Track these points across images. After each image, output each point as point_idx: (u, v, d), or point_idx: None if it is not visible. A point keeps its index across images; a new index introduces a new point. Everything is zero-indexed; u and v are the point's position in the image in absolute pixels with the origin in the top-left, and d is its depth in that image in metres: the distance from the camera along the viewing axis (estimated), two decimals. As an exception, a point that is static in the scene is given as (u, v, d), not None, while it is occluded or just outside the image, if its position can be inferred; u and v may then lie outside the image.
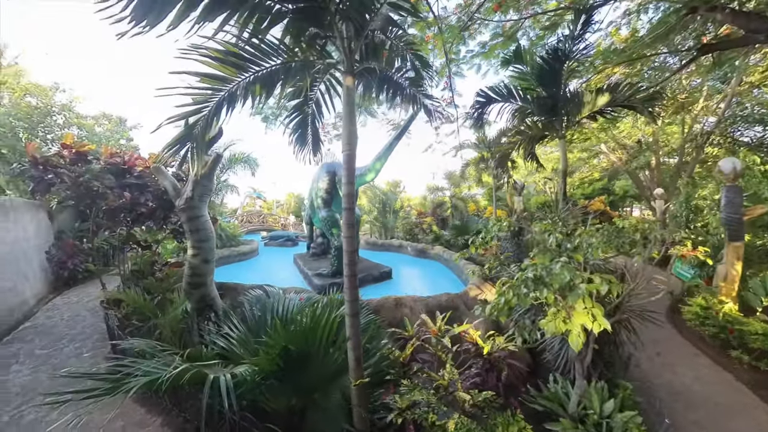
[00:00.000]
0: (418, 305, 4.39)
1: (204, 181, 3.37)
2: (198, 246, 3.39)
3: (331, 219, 6.59)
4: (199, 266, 3.41)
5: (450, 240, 10.34)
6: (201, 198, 3.38)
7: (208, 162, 3.32)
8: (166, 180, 3.49)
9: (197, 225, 3.35)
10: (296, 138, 3.39)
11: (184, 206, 3.28)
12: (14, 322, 5.72)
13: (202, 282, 3.42)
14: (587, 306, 1.65)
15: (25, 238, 6.59)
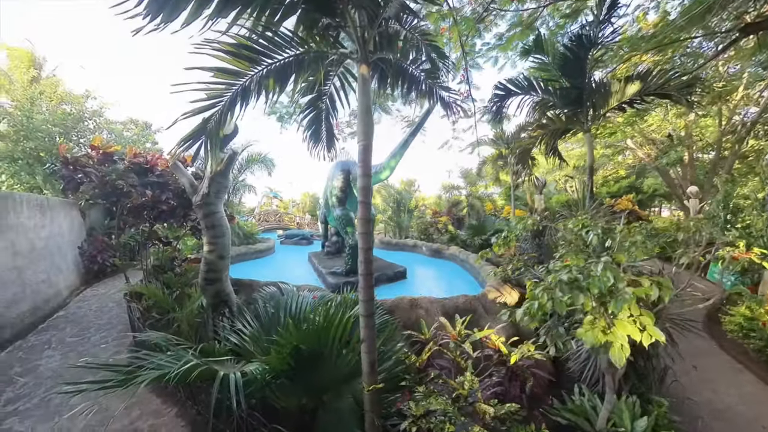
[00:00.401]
0: (434, 307, 4.26)
1: (219, 178, 3.39)
2: (214, 242, 3.41)
3: (346, 217, 6.56)
4: (215, 262, 3.42)
5: (466, 240, 10.08)
6: (217, 195, 3.40)
7: (223, 159, 3.34)
8: (184, 177, 3.55)
9: (213, 221, 3.36)
10: (310, 134, 3.36)
11: (200, 202, 3.30)
12: (49, 311, 6.09)
13: (218, 278, 3.46)
14: (633, 314, 1.45)
15: (60, 234, 7.01)
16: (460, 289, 6.71)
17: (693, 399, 3.57)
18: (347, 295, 3.99)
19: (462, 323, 3.76)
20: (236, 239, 10.29)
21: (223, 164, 3.34)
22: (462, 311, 4.42)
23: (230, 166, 3.47)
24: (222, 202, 3.49)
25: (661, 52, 7.42)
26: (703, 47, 7.94)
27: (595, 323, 1.52)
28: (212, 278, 3.44)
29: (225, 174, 3.45)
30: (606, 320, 1.51)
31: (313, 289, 4.50)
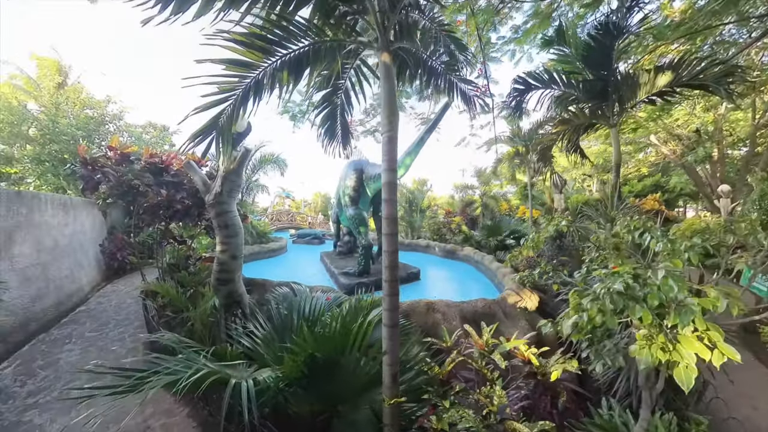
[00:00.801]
0: (451, 311, 4.08)
1: (232, 176, 3.34)
2: (226, 242, 3.36)
3: (359, 217, 6.45)
4: (228, 262, 3.37)
5: (481, 241, 9.80)
6: (230, 194, 3.33)
7: (236, 158, 3.29)
8: (197, 175, 3.49)
9: (225, 220, 3.30)
10: (325, 131, 3.26)
11: (213, 201, 3.25)
12: (72, 306, 6.28)
13: (230, 278, 3.41)
14: (699, 328, 1.25)
15: (82, 232, 7.23)
16: (476, 292, 6.49)
17: (736, 418, 3.26)
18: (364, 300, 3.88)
19: (489, 332, 3.53)
20: (249, 238, 10.38)
21: (236, 162, 3.28)
22: (481, 316, 4.23)
23: (243, 165, 3.41)
24: (235, 201, 3.43)
25: (690, 40, 6.94)
26: (735, 35, 7.39)
27: (653, 339, 1.32)
28: (225, 278, 3.39)
29: (238, 172, 3.39)
30: (665, 336, 1.30)
31: (327, 290, 4.41)
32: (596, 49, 5.02)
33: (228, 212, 3.35)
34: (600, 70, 5.22)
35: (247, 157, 3.36)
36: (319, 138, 3.32)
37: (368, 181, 6.55)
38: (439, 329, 3.90)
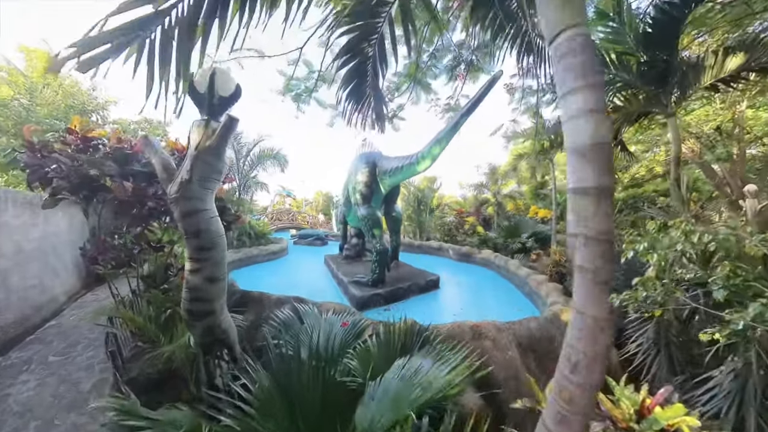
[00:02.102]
0: (503, 336, 3.28)
1: (209, 157, 2.21)
2: (199, 257, 2.23)
3: (372, 217, 5.63)
4: (202, 287, 2.27)
5: (498, 243, 9.01)
6: (203, 183, 2.22)
7: (216, 129, 2.22)
8: (156, 156, 2.42)
9: (197, 224, 2.20)
10: (350, 92, 2.38)
11: (177, 195, 2.15)
12: (40, 321, 5.43)
13: (208, 310, 2.35)
14: None
15: (56, 234, 6.37)
16: (507, 303, 5.72)
17: None
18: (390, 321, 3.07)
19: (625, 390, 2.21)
20: (247, 240, 9.55)
21: (215, 136, 2.20)
22: (537, 341, 3.44)
23: (226, 140, 2.29)
24: (212, 194, 2.39)
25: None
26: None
27: None
28: (200, 311, 2.34)
29: (218, 152, 2.25)
30: None
31: (339, 309, 3.60)
32: (659, 26, 4.24)
33: (200, 212, 2.23)
34: (661, 49, 4.44)
35: (231, 129, 2.26)
36: (341, 102, 2.43)
37: (382, 176, 5.72)
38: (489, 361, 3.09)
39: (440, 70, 4.65)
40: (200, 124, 2.30)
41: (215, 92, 2.29)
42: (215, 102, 2.32)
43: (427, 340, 2.84)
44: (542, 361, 3.41)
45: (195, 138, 2.28)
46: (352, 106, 2.48)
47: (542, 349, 3.49)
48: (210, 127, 2.28)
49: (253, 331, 3.67)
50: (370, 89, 2.39)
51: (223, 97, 2.36)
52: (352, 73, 2.29)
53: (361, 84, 2.36)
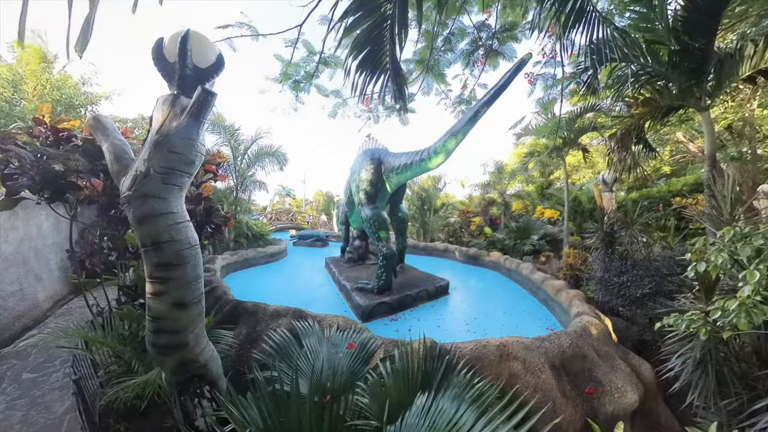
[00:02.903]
0: (533, 356, 2.89)
1: (176, 143, 1.71)
2: (162, 277, 1.72)
3: (378, 219, 5.23)
4: (167, 315, 1.76)
5: (507, 244, 8.61)
6: (166, 178, 1.71)
7: (186, 107, 1.71)
8: (106, 141, 1.92)
9: (156, 233, 1.68)
10: (361, 61, 1.90)
11: (129, 194, 1.66)
12: (20, 330, 5.04)
13: (178, 343, 1.84)
14: None
15: (40, 236, 5.96)
16: (524, 311, 5.32)
17: None
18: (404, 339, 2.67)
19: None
20: (244, 241, 9.15)
21: (186, 115, 1.70)
22: (570, 360, 3.05)
23: (199, 119, 1.75)
24: (180, 192, 1.84)
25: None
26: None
27: None
28: (168, 344, 1.84)
29: (188, 135, 1.74)
30: None
31: (344, 324, 3.19)
32: (699, 7, 3.84)
33: (160, 216, 1.71)
34: (698, 36, 4.04)
35: (206, 105, 1.74)
36: (349, 72, 1.95)
37: (388, 173, 5.30)
38: (521, 387, 2.70)
39: (456, 55, 4.20)
40: (166, 101, 1.76)
41: (188, 61, 1.80)
42: (188, 73, 1.83)
43: (450, 365, 2.45)
44: (576, 383, 3.03)
45: (158, 118, 1.75)
46: (365, 79, 2.01)
47: (575, 369, 3.11)
48: (179, 104, 1.74)
49: (248, 346, 3.28)
50: (389, 59, 1.92)
51: (199, 68, 1.88)
52: (365, 37, 1.82)
53: (376, 51, 1.91)
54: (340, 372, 2.34)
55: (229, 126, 9.34)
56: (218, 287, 4.59)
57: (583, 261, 6.75)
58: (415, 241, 10.82)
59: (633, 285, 4.61)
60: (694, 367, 3.07)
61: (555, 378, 2.87)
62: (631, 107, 4.62)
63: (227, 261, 7.52)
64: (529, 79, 4.38)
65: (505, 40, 3.76)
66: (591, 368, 3.11)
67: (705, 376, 3.01)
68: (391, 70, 1.96)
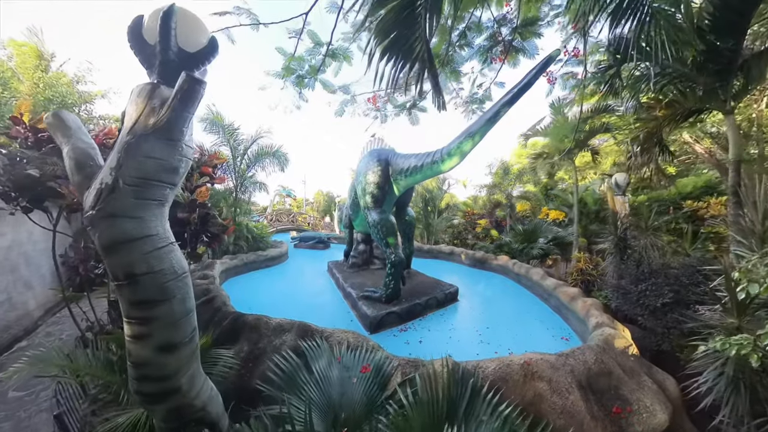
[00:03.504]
0: (559, 375, 2.68)
1: (154, 145, 1.39)
2: (142, 317, 1.42)
3: (385, 224, 5.00)
4: (152, 361, 1.47)
5: (515, 247, 8.41)
6: (141, 191, 1.39)
7: (167, 99, 1.38)
8: (67, 143, 1.58)
9: (130, 263, 1.37)
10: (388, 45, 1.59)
11: (93, 214, 1.34)
12: (9, 341, 4.79)
13: (170, 389, 1.54)
14: None
15: (30, 242, 5.69)
16: (534, 319, 5.13)
17: None
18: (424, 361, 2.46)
19: None
20: (244, 244, 8.90)
21: (167, 110, 1.36)
22: (596, 377, 2.85)
23: (183, 114, 1.42)
24: (160, 209, 1.50)
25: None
26: None
27: None
28: (156, 392, 1.54)
29: (169, 135, 1.41)
30: None
31: (354, 342, 2.96)
32: (731, 5, 3.64)
33: (134, 241, 1.38)
34: (727, 37, 3.84)
35: (192, 97, 1.41)
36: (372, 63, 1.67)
37: (396, 175, 5.05)
38: (543, 409, 2.50)
39: (473, 51, 3.96)
40: (142, 92, 1.42)
41: (172, 42, 1.47)
42: (171, 58, 1.49)
43: (475, 389, 2.23)
44: (603, 402, 2.83)
45: (131, 114, 1.40)
46: (393, 67, 1.72)
47: (601, 387, 2.91)
48: (158, 95, 1.39)
49: (249, 364, 3.05)
50: (422, 45, 1.65)
51: (185, 53, 1.55)
52: (394, 18, 1.55)
53: (407, 36, 1.62)
54: (356, 400, 2.12)
55: (228, 125, 9.08)
56: (217, 297, 4.35)
57: (594, 266, 6.56)
58: (419, 244, 10.61)
59: (652, 294, 4.41)
60: (727, 385, 2.89)
61: (583, 399, 2.67)
62: (654, 109, 4.41)
63: (227, 266, 7.28)
64: (549, 78, 4.18)
65: (527, 36, 3.54)
66: (617, 385, 2.91)
67: (737, 393, 2.83)
68: (426, 58, 1.68)
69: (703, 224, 8.27)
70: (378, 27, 1.60)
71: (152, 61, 1.50)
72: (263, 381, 2.30)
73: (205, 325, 3.89)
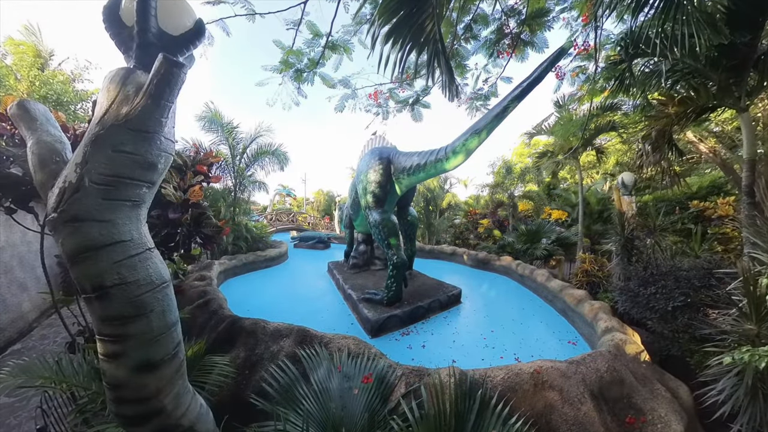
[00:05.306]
0: (571, 384, 2.56)
1: (126, 138, 1.23)
2: (114, 334, 1.25)
3: (387, 224, 4.87)
4: (130, 382, 1.30)
5: (518, 248, 8.28)
6: (111, 191, 1.23)
7: (143, 84, 1.23)
8: (32, 136, 1.42)
9: (97, 274, 1.19)
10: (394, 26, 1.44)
11: (55, 217, 1.18)
12: (3, 343, 4.68)
13: (152, 410, 1.37)
14: None
15: (24, 242, 5.58)
16: (540, 322, 5.00)
17: None
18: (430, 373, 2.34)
19: None
20: (243, 244, 8.77)
21: (142, 96, 1.21)
22: (608, 385, 2.72)
23: (165, 99, 1.26)
24: (135, 211, 1.33)
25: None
26: None
27: None
28: (137, 415, 1.37)
29: (144, 126, 1.25)
30: None
31: (356, 352, 2.83)
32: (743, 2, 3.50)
33: (103, 249, 1.21)
34: (744, 31, 3.70)
35: (171, 81, 1.25)
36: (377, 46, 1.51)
37: (399, 174, 4.92)
38: (554, 420, 2.37)
39: (479, 44, 3.81)
40: (115, 77, 1.26)
41: (151, 23, 1.31)
42: (150, 40, 1.32)
43: (483, 401, 2.11)
44: (615, 411, 2.71)
45: (102, 103, 1.25)
46: (399, 51, 1.55)
47: (613, 396, 2.78)
48: (132, 81, 1.23)
49: (246, 372, 2.93)
50: (433, 25, 1.48)
51: (167, 35, 1.40)
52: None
53: (415, 15, 1.45)
54: (357, 414, 1.99)
55: (227, 124, 8.95)
56: (213, 300, 4.23)
57: (600, 267, 6.43)
58: (420, 244, 10.47)
59: (662, 297, 4.28)
60: (746, 393, 2.77)
61: (596, 410, 2.54)
62: (666, 106, 4.26)
63: (225, 266, 7.16)
64: (557, 74, 4.04)
65: (536, 28, 3.40)
66: (630, 394, 2.79)
67: (755, 401, 2.71)
68: (439, 38, 1.52)
69: (709, 225, 8.13)
70: (383, 5, 1.44)
71: (129, 45, 1.35)
72: (258, 393, 2.18)
73: (200, 329, 3.77)
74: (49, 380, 2.23)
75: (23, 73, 8.60)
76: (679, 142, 15.66)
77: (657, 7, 2.35)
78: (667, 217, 7.48)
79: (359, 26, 3.77)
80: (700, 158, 15.80)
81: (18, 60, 8.82)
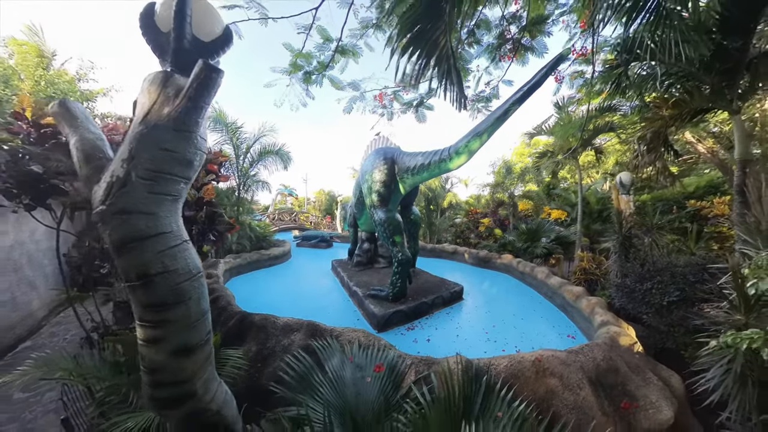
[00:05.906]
0: (570, 371, 2.70)
1: (167, 136, 1.34)
2: (155, 321, 1.38)
3: (392, 223, 4.99)
4: (168, 366, 1.42)
5: (520, 247, 8.42)
6: (154, 185, 1.34)
7: (182, 88, 1.34)
8: (75, 135, 1.52)
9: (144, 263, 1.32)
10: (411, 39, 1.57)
11: (104, 209, 1.29)
12: (13, 341, 4.77)
13: (185, 393, 1.49)
14: None
15: (32, 241, 5.66)
16: (540, 317, 5.14)
17: None
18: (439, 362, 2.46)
19: None
20: (248, 243, 8.87)
21: (182, 99, 1.32)
22: (603, 373, 2.87)
23: (202, 101, 1.37)
24: (174, 204, 1.44)
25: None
26: None
27: None
28: (170, 397, 1.49)
29: (184, 126, 1.36)
30: None
31: (366, 343, 2.95)
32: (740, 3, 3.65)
33: (148, 239, 1.32)
34: (735, 36, 3.85)
35: (209, 85, 1.36)
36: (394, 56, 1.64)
37: (403, 174, 5.05)
38: (555, 405, 2.50)
39: (481, 48, 3.94)
40: (155, 80, 1.38)
41: (186, 30, 1.43)
42: (186, 46, 1.45)
43: (488, 386, 2.24)
44: (612, 398, 2.85)
45: (144, 103, 1.35)
46: (415, 63, 1.70)
47: (609, 383, 2.93)
48: (172, 84, 1.35)
49: (258, 365, 3.04)
50: (446, 40, 1.63)
51: (200, 41, 1.53)
52: (419, 10, 1.52)
53: (430, 30, 1.60)
54: (372, 399, 2.11)
55: (232, 123, 9.05)
56: (222, 296, 4.34)
57: (597, 265, 6.58)
58: (422, 243, 10.60)
59: (658, 292, 4.42)
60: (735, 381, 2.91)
61: (594, 395, 2.69)
62: (661, 108, 4.41)
63: (230, 265, 7.26)
64: (556, 77, 4.18)
65: (536, 34, 3.53)
66: (624, 382, 2.94)
67: (744, 389, 2.85)
68: (451, 53, 1.67)
69: (706, 223, 8.30)
70: (402, 19, 1.58)
71: (165, 49, 1.47)
72: (275, 381, 2.29)
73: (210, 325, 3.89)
74: (67, 373, 2.33)
75: (28, 73, 8.65)
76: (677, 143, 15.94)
77: (649, 16, 2.49)
78: (664, 216, 7.65)
79: (365, 30, 3.90)
80: (698, 158, 16.05)
81: (21, 60, 8.86)
